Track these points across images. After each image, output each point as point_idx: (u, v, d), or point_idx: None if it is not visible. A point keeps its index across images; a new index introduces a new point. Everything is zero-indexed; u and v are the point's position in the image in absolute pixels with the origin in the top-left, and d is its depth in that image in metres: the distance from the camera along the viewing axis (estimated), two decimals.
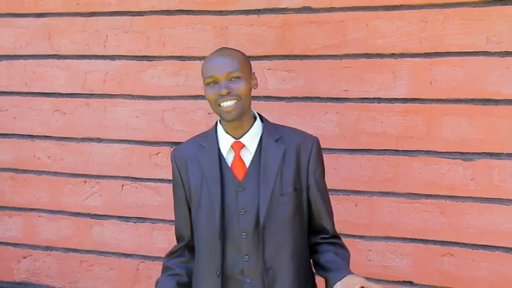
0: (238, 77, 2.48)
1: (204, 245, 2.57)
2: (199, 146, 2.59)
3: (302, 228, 2.57)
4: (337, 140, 3.18)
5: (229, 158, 2.55)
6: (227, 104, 2.46)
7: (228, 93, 2.45)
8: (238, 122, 2.51)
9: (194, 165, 2.58)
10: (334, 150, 3.19)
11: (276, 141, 2.54)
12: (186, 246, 2.66)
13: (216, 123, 2.60)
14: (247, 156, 2.54)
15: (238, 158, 2.54)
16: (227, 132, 2.55)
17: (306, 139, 2.58)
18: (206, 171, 2.54)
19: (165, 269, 2.69)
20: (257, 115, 2.60)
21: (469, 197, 3.05)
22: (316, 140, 2.59)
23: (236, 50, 2.60)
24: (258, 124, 2.57)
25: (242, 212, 2.51)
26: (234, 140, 2.54)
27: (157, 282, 2.68)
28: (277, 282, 2.50)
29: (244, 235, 2.51)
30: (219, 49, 2.59)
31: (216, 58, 2.51)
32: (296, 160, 2.53)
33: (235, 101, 2.46)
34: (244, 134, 2.54)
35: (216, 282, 2.52)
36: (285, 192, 2.51)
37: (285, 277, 2.51)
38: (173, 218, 2.75)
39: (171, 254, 2.70)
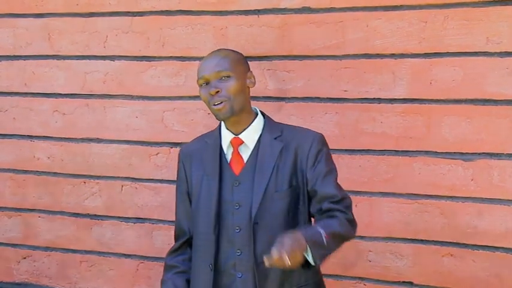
0: (228, 76, 2.49)
1: (199, 238, 2.58)
2: (204, 142, 2.65)
3: (297, 225, 2.55)
4: (337, 140, 3.17)
5: (229, 153, 2.58)
6: (217, 107, 2.48)
7: (217, 92, 2.47)
8: (236, 119, 2.54)
9: (197, 160, 2.62)
10: (334, 151, 3.14)
11: (275, 138, 2.56)
12: (188, 244, 2.67)
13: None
14: (246, 152, 2.57)
15: (236, 154, 2.57)
16: (227, 129, 2.58)
17: (306, 136, 2.58)
18: (207, 166, 2.58)
19: (169, 267, 2.69)
20: (259, 112, 2.61)
21: (469, 198, 3.04)
22: (319, 136, 2.58)
23: (231, 50, 2.61)
24: (258, 121, 2.59)
25: (237, 206, 2.53)
26: (234, 136, 2.57)
27: (163, 281, 2.67)
28: (268, 277, 2.50)
29: (237, 229, 2.52)
30: (213, 51, 2.61)
31: (207, 59, 2.55)
32: (294, 158, 2.54)
33: (225, 101, 2.47)
34: (244, 130, 2.56)
35: (208, 276, 2.53)
36: (280, 189, 2.52)
37: (276, 273, 2.50)
38: (173, 219, 2.75)
39: (173, 252, 2.70)
